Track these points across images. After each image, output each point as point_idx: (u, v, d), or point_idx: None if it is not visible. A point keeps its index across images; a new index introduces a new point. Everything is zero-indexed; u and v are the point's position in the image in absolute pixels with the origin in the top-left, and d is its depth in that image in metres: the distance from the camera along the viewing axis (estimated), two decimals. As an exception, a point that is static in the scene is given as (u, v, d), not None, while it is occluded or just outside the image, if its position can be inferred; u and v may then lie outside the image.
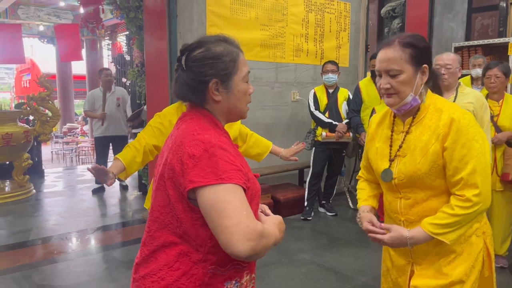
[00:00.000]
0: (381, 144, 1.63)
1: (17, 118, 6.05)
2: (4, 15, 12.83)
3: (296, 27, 5.21)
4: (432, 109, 1.52)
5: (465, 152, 1.42)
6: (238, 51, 1.25)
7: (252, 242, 1.01)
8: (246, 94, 1.27)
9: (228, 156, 1.10)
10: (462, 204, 1.42)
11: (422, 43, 1.51)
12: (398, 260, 1.65)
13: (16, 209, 5.48)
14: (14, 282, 3.28)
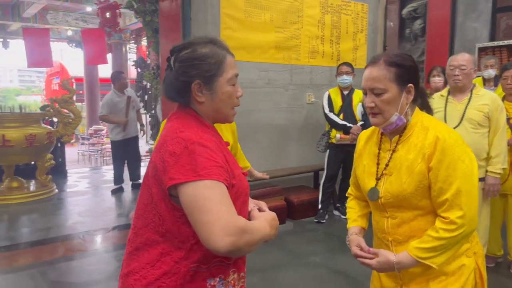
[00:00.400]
0: (368, 161, 1.61)
1: (40, 120, 6.25)
2: (34, 20, 13.28)
3: (311, 29, 5.19)
4: (419, 127, 1.50)
5: (450, 173, 1.39)
6: (226, 53, 1.26)
7: (232, 237, 1.02)
8: (232, 97, 1.27)
9: (208, 153, 1.11)
10: (447, 226, 1.39)
11: (409, 62, 1.49)
12: (387, 282, 1.62)
13: (39, 208, 5.67)
14: (31, 279, 3.39)
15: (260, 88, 4.88)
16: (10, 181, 6.14)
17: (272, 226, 1.22)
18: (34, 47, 10.96)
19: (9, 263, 3.77)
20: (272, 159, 4.98)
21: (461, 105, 3.15)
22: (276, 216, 1.27)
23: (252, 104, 4.81)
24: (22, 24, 13.07)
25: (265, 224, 1.19)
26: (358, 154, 1.69)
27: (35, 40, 10.91)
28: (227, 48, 1.28)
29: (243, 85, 5.57)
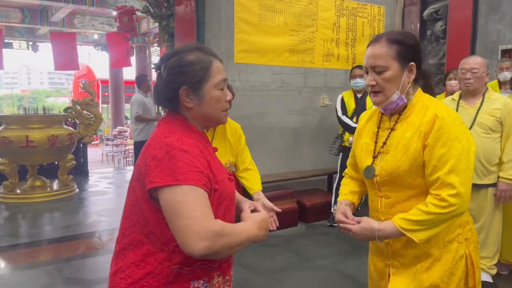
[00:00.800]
0: (367, 140, 1.61)
1: (63, 121, 6.46)
2: (62, 24, 13.69)
3: (326, 32, 5.19)
4: (419, 106, 1.50)
5: (445, 151, 1.38)
6: (212, 59, 1.29)
7: (207, 241, 1.06)
8: (220, 101, 1.30)
9: (188, 158, 1.15)
10: (437, 203, 1.37)
11: (411, 40, 1.49)
12: (378, 263, 1.63)
13: (60, 207, 5.86)
14: (47, 275, 3.52)
15: (274, 91, 4.91)
16: (33, 180, 6.36)
17: (261, 227, 1.24)
18: (61, 51, 11.34)
19: (28, 259, 3.92)
20: (285, 161, 5.00)
21: (473, 110, 3.10)
22: (267, 217, 1.30)
23: (265, 106, 4.84)
24: (51, 28, 13.50)
25: (251, 226, 1.22)
26: (358, 133, 1.69)
27: (62, 43, 11.29)
28: (214, 54, 1.32)
29: (256, 88, 5.63)
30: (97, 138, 15.17)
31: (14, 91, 54.41)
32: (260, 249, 4.08)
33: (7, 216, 5.44)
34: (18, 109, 6.88)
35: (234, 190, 1.37)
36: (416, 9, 7.54)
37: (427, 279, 1.49)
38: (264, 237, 1.26)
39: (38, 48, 15.78)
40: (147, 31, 13.56)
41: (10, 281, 3.42)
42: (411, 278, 1.51)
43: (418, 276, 1.50)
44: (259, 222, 1.25)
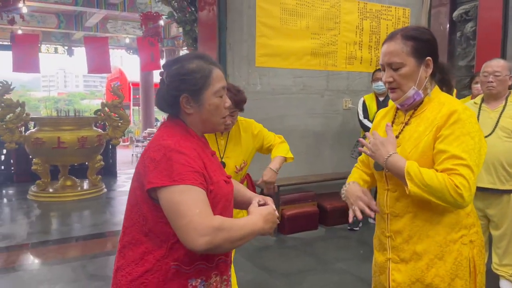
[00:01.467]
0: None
1: (92, 123, 6.70)
2: (95, 29, 14.16)
3: (349, 35, 5.17)
4: (435, 102, 1.51)
5: (458, 144, 1.37)
6: (213, 67, 1.34)
7: (207, 236, 1.11)
8: (219, 108, 1.34)
9: (184, 159, 1.21)
10: (453, 185, 1.33)
11: (426, 35, 1.50)
12: (379, 257, 1.64)
13: (88, 206, 6.08)
14: (72, 271, 3.68)
15: (295, 94, 4.93)
16: (64, 180, 6.62)
17: (267, 221, 1.28)
18: (93, 54, 11.70)
19: (57, 255, 4.10)
20: (306, 164, 5.01)
21: (495, 113, 3.04)
22: (274, 210, 1.33)
23: (286, 109, 4.87)
24: (85, 33, 13.99)
25: (255, 219, 1.26)
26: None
27: (95, 47, 11.64)
28: (214, 62, 1.37)
29: (277, 92, 5.65)
30: (127, 139, 15.59)
31: (51, 94, 56.52)
32: (279, 251, 4.12)
33: (39, 214, 5.68)
34: (55, 111, 7.17)
35: (231, 191, 1.41)
36: (446, 10, 7.38)
37: (428, 278, 1.49)
38: (271, 230, 1.30)
39: (73, 52, 16.37)
40: (176, 34, 13.82)
41: (38, 276, 3.59)
42: (412, 274, 1.51)
43: (418, 273, 1.50)
44: (265, 216, 1.29)
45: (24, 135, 6.37)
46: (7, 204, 6.42)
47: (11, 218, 5.55)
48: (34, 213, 5.70)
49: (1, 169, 7.54)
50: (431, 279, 1.49)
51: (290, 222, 4.56)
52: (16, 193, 6.91)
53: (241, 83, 4.45)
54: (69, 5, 10.97)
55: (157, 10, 8.97)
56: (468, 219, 1.52)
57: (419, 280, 1.50)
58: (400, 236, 1.54)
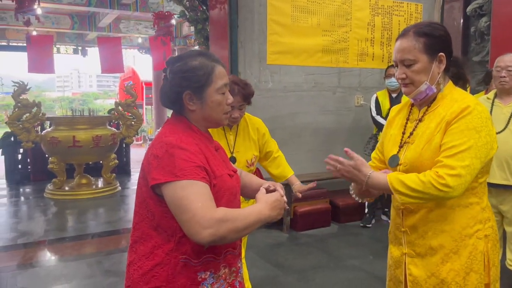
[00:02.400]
0: (395, 131, 1.65)
1: (106, 122, 6.79)
2: (108, 29, 14.31)
3: (360, 32, 5.15)
4: (448, 99, 1.52)
5: (458, 137, 1.39)
6: (215, 65, 1.36)
7: (210, 229, 1.14)
8: (221, 104, 1.37)
9: (186, 155, 1.24)
10: (435, 178, 1.36)
11: (439, 31, 1.51)
12: (394, 252, 1.65)
13: (103, 203, 6.17)
14: (87, 266, 3.75)
15: (306, 91, 4.93)
16: (80, 178, 6.73)
17: (274, 208, 1.30)
18: (107, 54, 11.83)
19: (73, 252, 4.17)
20: (318, 161, 4.97)
21: (508, 108, 3.00)
22: (281, 196, 1.34)
23: (297, 107, 4.88)
24: (98, 33, 14.15)
25: (261, 207, 1.28)
26: (388, 124, 1.73)
27: (108, 48, 11.78)
28: (216, 59, 1.39)
29: (289, 89, 5.66)
30: (140, 138, 15.74)
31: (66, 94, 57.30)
32: (292, 248, 4.13)
33: (55, 212, 5.79)
34: (70, 111, 7.30)
35: (236, 185, 1.43)
36: (459, 5, 7.29)
37: (443, 272, 1.50)
38: (279, 216, 1.32)
39: (87, 52, 16.57)
40: (188, 33, 13.90)
41: (55, 272, 3.67)
42: (427, 269, 1.53)
43: (434, 268, 1.51)
44: (271, 203, 1.30)
45: (40, 134, 6.49)
46: (24, 202, 6.55)
47: (28, 216, 5.66)
48: (51, 211, 5.81)
49: (19, 168, 7.68)
50: (446, 273, 1.49)
51: (302, 219, 4.57)
52: (33, 191, 7.04)
53: (252, 81, 4.48)
54: (82, 6, 11.11)
55: (169, 10, 9.04)
56: (484, 213, 1.52)
57: (434, 275, 1.51)
58: (415, 231, 1.55)
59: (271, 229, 4.54)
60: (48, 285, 3.38)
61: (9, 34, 14.42)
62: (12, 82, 6.19)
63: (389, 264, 1.71)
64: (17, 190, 7.14)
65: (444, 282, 1.50)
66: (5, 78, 18.15)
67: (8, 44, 14.88)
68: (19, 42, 14.52)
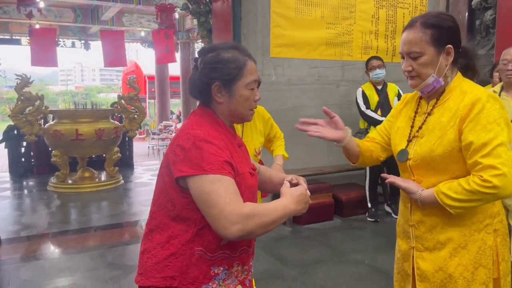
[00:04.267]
0: (403, 124, 1.62)
1: (109, 116, 6.78)
2: (111, 23, 14.27)
3: (365, 24, 5.11)
4: (457, 91, 1.48)
5: (484, 134, 1.35)
6: (247, 60, 1.35)
7: (238, 224, 1.14)
8: (249, 100, 1.36)
9: (214, 149, 1.22)
10: (481, 183, 1.33)
11: (448, 22, 1.45)
12: (403, 245, 1.64)
13: (106, 197, 6.18)
14: (91, 259, 3.75)
15: (310, 84, 4.90)
16: (83, 172, 6.74)
17: (299, 202, 1.30)
18: (110, 48, 11.80)
19: (76, 245, 4.18)
20: (321, 155, 4.99)
21: (515, 102, 2.97)
22: (306, 190, 1.34)
23: (301, 100, 4.85)
24: (101, 26, 14.11)
25: (287, 202, 1.28)
26: (396, 113, 1.70)
27: (111, 41, 11.74)
28: (249, 54, 1.37)
29: (292, 82, 5.64)
30: (143, 132, 15.75)
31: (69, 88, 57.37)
32: (295, 242, 4.13)
33: (59, 205, 5.80)
34: (73, 105, 7.32)
35: (255, 184, 1.43)
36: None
37: (451, 267, 1.49)
38: (304, 210, 1.32)
39: (90, 46, 16.54)
40: (190, 27, 13.84)
41: (58, 264, 3.68)
42: (435, 263, 1.51)
43: (442, 262, 1.50)
44: (296, 197, 1.30)
45: (43, 127, 6.49)
46: (28, 195, 6.58)
47: (32, 209, 5.68)
48: (54, 204, 5.82)
49: (22, 161, 7.70)
50: (454, 268, 1.48)
51: (305, 213, 4.52)
52: (36, 184, 7.06)
53: (255, 74, 4.45)
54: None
55: (172, 2, 8.99)
56: (493, 208, 1.50)
57: (442, 269, 1.50)
58: (424, 226, 1.53)
59: (274, 223, 4.54)
60: (51, 277, 3.39)
61: (12, 28, 14.41)
62: (15, 75, 6.19)
63: (397, 257, 1.70)
64: (20, 183, 7.17)
65: (451, 276, 1.48)
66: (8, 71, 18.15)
67: (11, 37, 14.88)
68: (22, 35, 14.51)
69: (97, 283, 3.28)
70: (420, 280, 1.55)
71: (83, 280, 3.34)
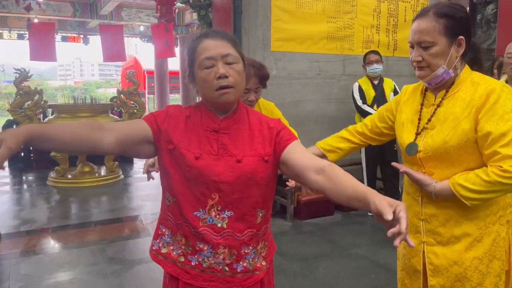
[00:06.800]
0: (408, 116, 1.58)
1: (108, 110, 6.75)
2: (110, 17, 14.20)
3: (366, 18, 5.07)
4: (468, 82, 1.45)
5: (502, 124, 1.33)
6: (201, 40, 1.30)
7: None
8: (207, 80, 1.26)
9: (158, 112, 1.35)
10: (500, 173, 1.31)
11: (460, 13, 1.42)
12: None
13: (106, 191, 6.16)
14: (91, 254, 3.74)
15: (311, 79, 4.87)
16: (82, 167, 6.71)
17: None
18: (109, 43, 11.73)
19: (76, 239, 4.17)
20: (322, 150, 4.96)
21: (518, 96, 2.96)
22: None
23: (301, 94, 4.82)
24: (100, 21, 14.04)
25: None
26: (400, 104, 1.65)
27: (110, 36, 11.67)
28: (206, 33, 1.32)
29: (293, 76, 5.60)
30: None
31: (68, 83, 57.24)
32: (295, 237, 4.12)
33: (59, 199, 5.79)
34: (72, 100, 7.29)
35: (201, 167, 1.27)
36: (466, -8, 7.20)
37: (467, 259, 1.47)
38: None
39: (89, 41, 16.47)
40: (190, 22, 13.80)
41: (59, 259, 3.66)
42: (449, 257, 1.49)
43: (457, 256, 1.48)
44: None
45: (42, 122, 6.46)
46: (27, 190, 6.55)
47: (31, 204, 5.66)
48: (54, 199, 5.81)
49: (21, 156, 7.67)
50: (470, 261, 1.47)
51: (306, 207, 4.55)
52: (36, 179, 7.04)
53: (256, 68, 4.42)
54: (83, -7, 11.01)
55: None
56: (506, 199, 1.49)
57: (457, 263, 1.48)
58: (436, 220, 1.51)
59: (274, 218, 4.52)
60: (51, 272, 3.38)
61: (10, 22, 14.34)
62: (14, 69, 6.15)
63: (403, 253, 1.66)
64: (20, 178, 7.15)
65: (467, 270, 1.47)
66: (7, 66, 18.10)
67: (9, 31, 14.81)
68: (20, 30, 14.45)
69: (97, 277, 3.26)
70: (433, 275, 1.52)
71: (83, 274, 3.33)
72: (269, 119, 1.40)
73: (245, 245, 1.32)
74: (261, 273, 1.38)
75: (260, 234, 1.37)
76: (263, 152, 1.32)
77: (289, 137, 1.35)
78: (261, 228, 1.36)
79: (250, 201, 1.31)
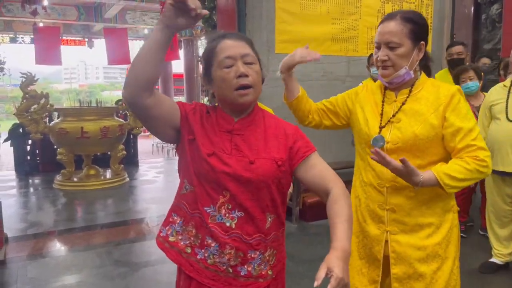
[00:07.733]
0: (369, 110, 1.68)
1: (114, 113, 6.78)
2: (114, 21, 14.26)
3: (370, 19, 5.06)
4: (429, 84, 1.61)
5: (468, 121, 1.52)
6: (221, 40, 1.30)
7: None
8: (226, 80, 1.26)
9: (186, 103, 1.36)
10: (478, 162, 1.48)
11: (423, 20, 1.58)
12: (373, 231, 1.66)
13: (112, 194, 6.18)
14: (97, 256, 3.75)
15: (315, 80, 4.87)
16: (88, 169, 6.74)
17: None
18: (113, 46, 11.80)
19: (82, 242, 4.18)
20: (327, 152, 4.95)
21: (524, 96, 2.94)
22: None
23: (306, 96, 4.82)
24: (105, 24, 14.11)
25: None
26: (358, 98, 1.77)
27: (115, 39, 11.74)
28: (224, 34, 1.32)
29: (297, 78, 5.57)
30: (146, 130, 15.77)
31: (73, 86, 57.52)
32: (301, 238, 4.11)
33: (64, 202, 5.81)
34: (77, 103, 7.33)
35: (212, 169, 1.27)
36: (470, -8, 7.17)
37: (429, 246, 1.59)
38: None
39: (93, 44, 16.56)
40: (194, 24, 13.83)
41: (65, 262, 3.68)
42: (412, 244, 1.60)
43: (419, 242, 1.60)
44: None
45: (48, 125, 6.50)
46: (34, 193, 6.59)
47: (38, 207, 5.69)
48: (60, 202, 5.83)
49: (27, 159, 7.72)
50: (432, 247, 1.59)
51: (311, 209, 4.54)
52: (42, 182, 7.08)
53: (261, 70, 4.42)
54: (88, -3, 11.08)
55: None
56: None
57: (420, 249, 1.59)
58: (402, 209, 1.60)
59: (280, 220, 4.52)
60: (58, 275, 3.39)
61: (16, 26, 14.44)
62: (20, 73, 6.19)
63: (364, 243, 1.71)
64: (26, 181, 7.19)
65: (429, 255, 1.59)
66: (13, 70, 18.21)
67: (15, 36, 14.91)
68: (26, 34, 14.54)
69: (104, 280, 3.27)
70: (395, 263, 1.61)
71: (90, 277, 3.34)
72: (287, 125, 1.39)
73: (252, 249, 1.31)
74: (265, 281, 1.36)
75: (269, 240, 1.35)
76: (278, 156, 1.31)
77: (306, 150, 1.35)
78: (270, 233, 1.35)
79: (260, 204, 1.30)
